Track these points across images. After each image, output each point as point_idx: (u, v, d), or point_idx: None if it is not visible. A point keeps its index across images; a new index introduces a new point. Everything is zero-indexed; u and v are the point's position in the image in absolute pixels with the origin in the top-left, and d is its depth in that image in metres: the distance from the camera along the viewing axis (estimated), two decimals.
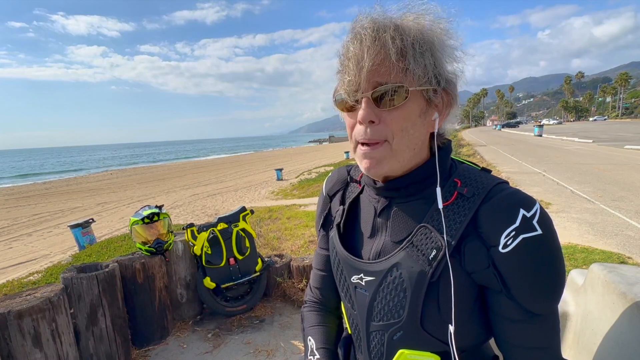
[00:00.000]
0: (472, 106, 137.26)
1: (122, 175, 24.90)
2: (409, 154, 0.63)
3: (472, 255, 0.59)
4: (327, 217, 0.85)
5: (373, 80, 0.58)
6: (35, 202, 13.76)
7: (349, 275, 0.73)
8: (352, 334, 0.79)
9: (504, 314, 0.61)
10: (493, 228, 0.58)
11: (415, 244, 0.63)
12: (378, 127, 0.60)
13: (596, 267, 0.97)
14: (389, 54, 0.56)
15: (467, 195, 0.61)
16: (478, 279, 0.61)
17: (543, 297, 0.58)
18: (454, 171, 0.68)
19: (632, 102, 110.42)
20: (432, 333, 0.63)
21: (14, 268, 5.56)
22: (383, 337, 0.68)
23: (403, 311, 0.64)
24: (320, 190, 0.90)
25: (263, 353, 2.36)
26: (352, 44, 0.58)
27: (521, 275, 0.57)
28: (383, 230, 0.71)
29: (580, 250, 3.50)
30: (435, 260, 0.60)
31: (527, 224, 0.56)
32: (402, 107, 0.59)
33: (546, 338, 0.60)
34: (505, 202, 0.58)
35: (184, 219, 7.81)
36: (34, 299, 1.82)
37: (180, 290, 2.75)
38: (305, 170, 16.80)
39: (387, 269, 0.65)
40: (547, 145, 17.38)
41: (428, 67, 0.58)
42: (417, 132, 0.62)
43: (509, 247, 0.56)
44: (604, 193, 6.23)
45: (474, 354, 0.69)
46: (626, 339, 0.79)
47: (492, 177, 0.64)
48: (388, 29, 0.56)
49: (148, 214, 2.52)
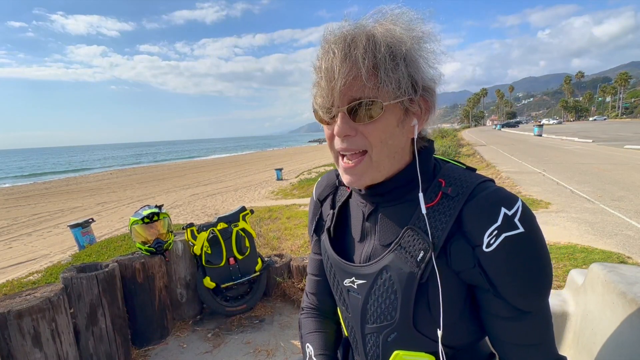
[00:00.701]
0: (472, 106, 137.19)
1: (122, 175, 24.89)
2: (389, 162, 0.63)
3: (458, 254, 0.60)
4: (319, 221, 0.85)
5: (347, 95, 0.57)
6: (35, 201, 13.75)
7: (342, 278, 0.73)
8: (348, 336, 0.80)
9: (494, 312, 0.61)
10: (476, 227, 0.58)
11: (403, 246, 0.63)
12: (355, 138, 0.60)
13: (596, 266, 0.97)
14: (361, 68, 0.54)
15: (452, 195, 0.61)
16: (466, 278, 0.61)
17: (530, 294, 0.59)
18: (438, 171, 0.68)
19: (632, 102, 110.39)
20: (425, 333, 0.64)
21: (14, 268, 5.55)
22: (378, 339, 0.68)
23: (395, 313, 0.64)
24: (311, 196, 0.90)
25: (263, 353, 2.36)
26: (324, 60, 0.57)
27: (506, 273, 0.57)
28: (372, 234, 0.71)
29: (580, 250, 3.50)
30: (423, 262, 0.60)
31: (509, 223, 0.56)
32: (379, 120, 0.58)
33: (538, 335, 0.61)
34: (486, 200, 0.58)
35: (183, 219, 7.80)
36: (33, 299, 1.82)
37: (180, 290, 2.75)
38: (305, 170, 16.80)
39: (377, 272, 0.66)
40: (547, 145, 17.39)
41: (402, 80, 0.56)
42: (396, 141, 0.62)
43: (492, 247, 0.57)
44: (603, 193, 6.23)
45: (469, 352, 0.69)
46: (626, 338, 0.79)
47: (476, 176, 0.64)
48: (360, 44, 0.54)
49: (148, 214, 2.51)
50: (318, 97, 0.60)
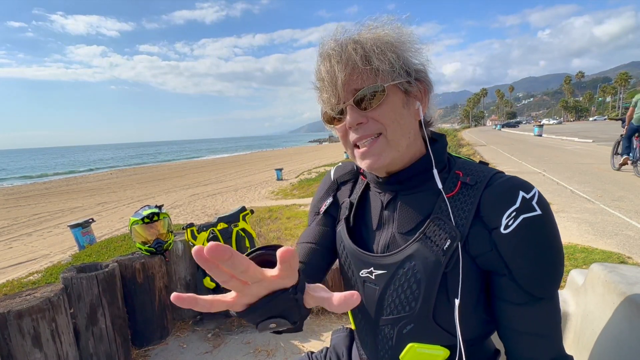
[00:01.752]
0: (472, 106, 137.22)
1: (122, 175, 24.88)
2: (404, 142, 0.66)
3: (476, 239, 0.61)
4: (332, 204, 0.85)
5: (350, 88, 0.63)
6: (35, 202, 13.75)
7: (357, 269, 0.73)
8: (355, 328, 0.79)
9: (506, 298, 0.62)
10: (494, 211, 0.60)
11: (428, 235, 0.64)
12: (368, 125, 0.64)
13: (596, 267, 0.97)
14: (356, 62, 0.61)
15: (471, 183, 0.64)
16: (482, 263, 0.62)
17: (544, 277, 0.60)
18: (454, 164, 0.70)
19: (632, 102, 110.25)
20: (442, 325, 0.65)
21: (14, 268, 5.55)
22: (392, 330, 0.68)
23: (415, 303, 0.65)
24: (327, 176, 0.90)
25: (263, 353, 2.36)
26: (323, 64, 0.64)
27: (523, 255, 0.59)
28: (390, 223, 0.72)
29: (580, 250, 3.50)
30: (450, 251, 0.61)
31: (527, 205, 0.58)
32: (384, 103, 0.63)
33: (547, 325, 0.62)
34: (505, 185, 0.62)
35: (183, 219, 7.80)
36: (33, 299, 1.82)
37: (180, 290, 2.75)
38: (305, 170, 16.80)
39: (400, 262, 0.66)
40: (547, 145, 17.38)
41: (393, 62, 0.62)
42: (406, 121, 0.66)
43: (510, 228, 0.58)
44: (603, 193, 6.23)
45: (478, 346, 0.70)
46: (626, 338, 0.79)
47: (490, 168, 0.67)
48: (349, 45, 0.62)
49: (148, 214, 2.51)
50: (324, 95, 0.66)
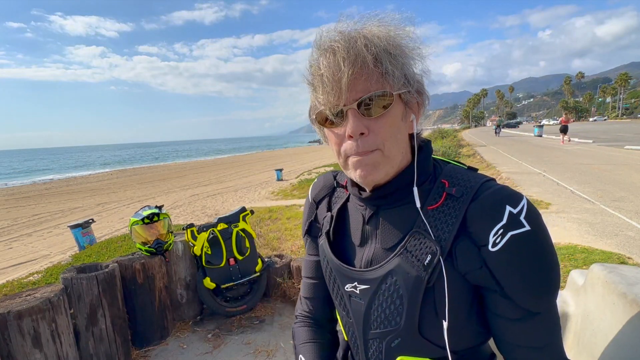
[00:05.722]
0: (472, 106, 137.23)
1: (122, 175, 24.88)
2: (399, 157, 0.63)
3: (464, 256, 0.59)
4: (312, 223, 0.84)
5: (355, 89, 0.57)
6: (35, 202, 13.75)
7: (342, 283, 0.72)
8: (348, 341, 0.78)
9: (501, 313, 0.60)
10: (481, 227, 0.57)
11: (409, 250, 0.62)
12: (368, 138, 0.59)
13: (596, 267, 0.97)
14: (366, 60, 0.55)
15: (456, 195, 0.60)
16: (472, 279, 0.60)
17: (538, 294, 0.57)
18: (440, 172, 0.66)
19: (632, 103, 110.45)
20: (429, 339, 0.63)
21: (14, 268, 5.55)
22: (381, 344, 0.67)
23: (400, 318, 0.63)
24: (307, 197, 0.88)
25: (263, 353, 2.36)
26: (325, 57, 0.57)
27: (513, 273, 0.56)
28: (373, 238, 0.69)
29: (581, 251, 3.49)
30: (430, 266, 0.59)
31: (515, 220, 0.55)
32: (388, 114, 0.58)
33: (546, 336, 0.59)
34: (491, 199, 0.58)
35: (184, 219, 7.80)
36: (33, 300, 1.82)
37: (180, 290, 2.75)
38: (305, 170, 16.79)
39: (382, 277, 0.64)
40: (547, 146, 17.38)
41: (404, 69, 0.58)
42: (402, 135, 0.63)
43: (498, 246, 0.56)
44: (604, 193, 6.23)
45: (473, 354, 0.68)
46: (626, 339, 0.79)
47: (479, 176, 0.63)
48: (359, 38, 0.56)
49: (148, 214, 2.51)
50: (321, 93, 0.59)
